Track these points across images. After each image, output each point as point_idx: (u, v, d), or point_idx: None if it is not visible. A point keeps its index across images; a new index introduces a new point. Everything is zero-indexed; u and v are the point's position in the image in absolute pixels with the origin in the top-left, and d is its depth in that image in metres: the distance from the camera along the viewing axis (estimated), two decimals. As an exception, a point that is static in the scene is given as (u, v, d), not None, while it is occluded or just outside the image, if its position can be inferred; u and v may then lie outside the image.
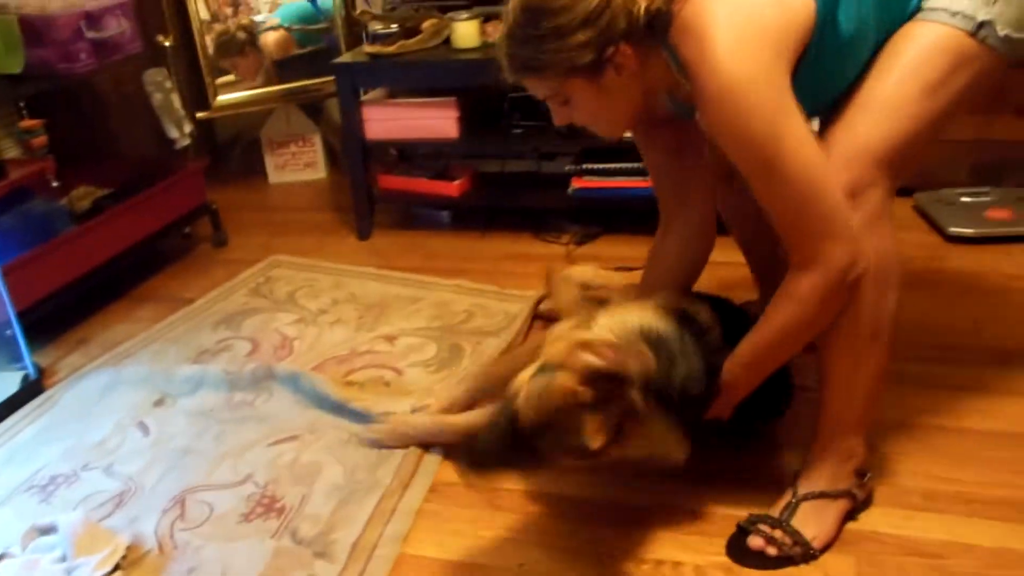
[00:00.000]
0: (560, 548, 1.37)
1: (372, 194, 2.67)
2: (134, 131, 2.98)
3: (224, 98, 3.04)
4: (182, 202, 2.59)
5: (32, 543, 1.44)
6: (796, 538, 1.30)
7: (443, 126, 2.54)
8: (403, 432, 1.62)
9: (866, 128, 1.21)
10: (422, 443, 1.61)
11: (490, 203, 2.64)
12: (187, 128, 2.73)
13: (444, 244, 2.59)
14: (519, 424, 1.14)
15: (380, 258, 2.52)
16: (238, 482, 1.58)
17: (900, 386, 1.64)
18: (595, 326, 1.26)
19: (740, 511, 1.39)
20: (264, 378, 1.88)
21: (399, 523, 1.44)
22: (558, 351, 1.16)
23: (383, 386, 1.84)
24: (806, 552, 1.29)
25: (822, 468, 1.35)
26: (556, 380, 1.13)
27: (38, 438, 1.78)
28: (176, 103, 2.70)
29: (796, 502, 1.34)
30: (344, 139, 2.67)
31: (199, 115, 2.98)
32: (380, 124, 2.57)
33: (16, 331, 1.93)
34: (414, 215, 2.83)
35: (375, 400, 1.74)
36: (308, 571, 1.35)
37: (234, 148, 3.43)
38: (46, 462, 1.69)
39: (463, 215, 2.75)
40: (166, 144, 2.80)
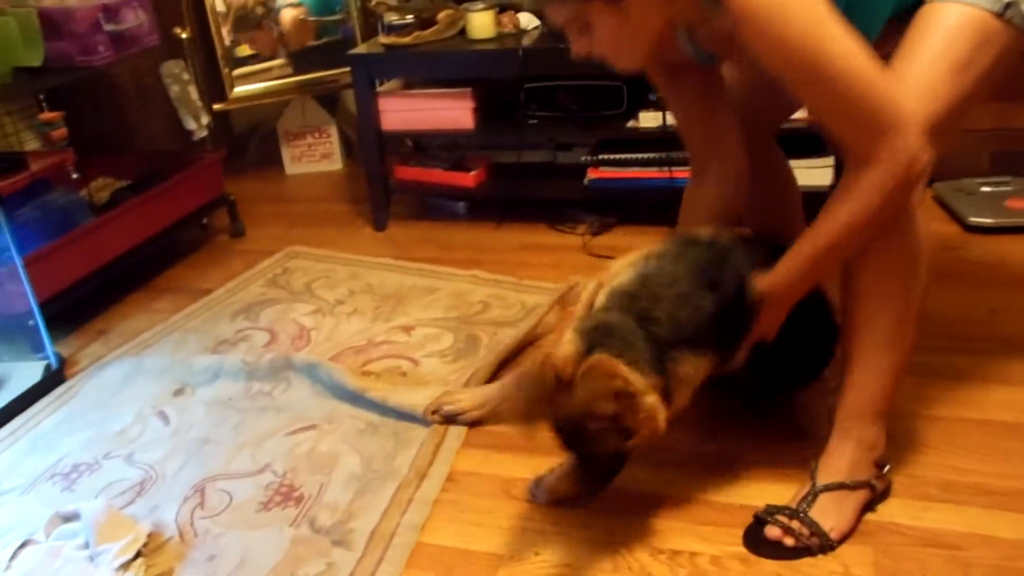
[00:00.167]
0: (576, 538, 1.37)
1: (388, 185, 2.68)
2: (152, 123, 3.00)
3: (241, 90, 3.05)
4: (200, 193, 2.61)
5: (55, 530, 1.46)
6: (814, 529, 1.29)
7: (459, 117, 2.54)
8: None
9: None
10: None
11: (506, 194, 2.64)
12: (204, 120, 2.74)
13: (460, 235, 2.60)
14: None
15: (396, 249, 2.53)
16: (257, 471, 1.59)
17: (918, 376, 1.63)
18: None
19: (756, 502, 1.39)
20: (282, 368, 1.89)
21: (416, 512, 1.45)
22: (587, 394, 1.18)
23: (400, 376, 1.85)
24: (824, 543, 1.29)
25: (842, 458, 1.34)
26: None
27: (60, 427, 1.80)
28: (193, 95, 2.72)
29: (815, 493, 1.33)
30: (360, 130, 2.67)
31: (216, 107, 2.99)
32: (396, 115, 2.57)
33: (38, 321, 1.95)
34: (430, 206, 2.83)
35: (392, 390, 1.74)
36: (326, 559, 1.36)
37: (251, 139, 3.45)
38: (68, 451, 1.71)
39: (479, 206, 2.75)
40: (184, 136, 2.82)
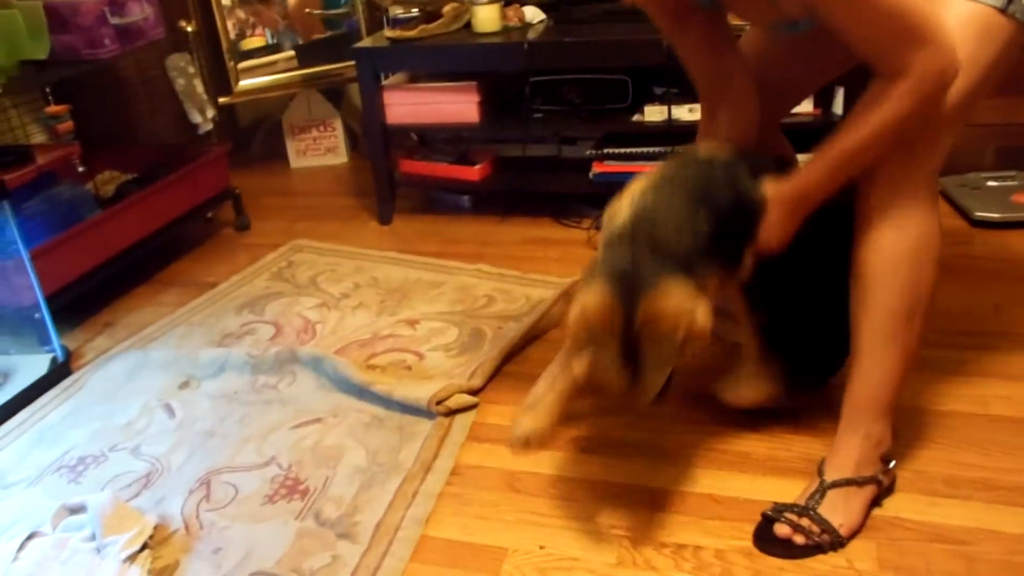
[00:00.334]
0: (581, 531, 1.37)
1: (393, 179, 2.68)
2: (157, 116, 3.01)
3: (246, 83, 3.05)
4: (205, 187, 2.61)
5: (62, 522, 1.46)
6: (824, 526, 1.29)
7: (464, 110, 2.54)
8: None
9: None
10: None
11: (511, 187, 2.64)
12: (210, 113, 2.75)
13: (465, 228, 2.60)
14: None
15: (401, 242, 2.53)
16: (262, 464, 1.60)
17: (923, 371, 1.63)
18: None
19: (761, 496, 1.40)
20: (287, 361, 1.90)
21: (421, 505, 1.45)
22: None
23: (405, 370, 1.86)
24: (834, 540, 1.28)
25: (849, 453, 1.34)
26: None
27: (66, 420, 1.81)
28: (199, 88, 2.72)
29: (823, 489, 1.33)
30: (365, 124, 2.67)
31: (221, 100, 2.99)
32: (401, 109, 2.57)
33: (44, 314, 1.96)
34: (434, 200, 2.83)
35: (397, 383, 1.75)
36: (331, 552, 1.36)
37: (256, 133, 3.45)
38: (75, 443, 1.72)
39: (483, 200, 2.75)
40: (189, 129, 2.82)
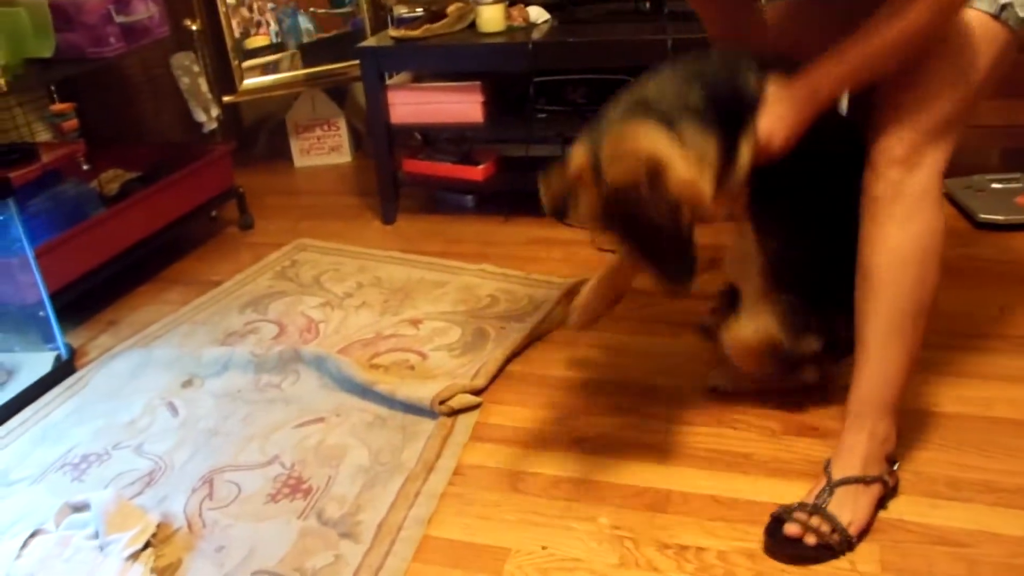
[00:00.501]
0: (583, 532, 1.38)
1: (397, 178, 2.68)
2: (162, 115, 3.01)
3: (250, 82, 3.05)
4: (209, 185, 2.61)
5: (65, 520, 1.47)
6: (834, 524, 1.29)
7: (468, 110, 2.54)
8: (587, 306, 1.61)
9: (914, 106, 1.24)
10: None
11: (514, 187, 2.64)
12: (214, 112, 2.75)
13: (468, 228, 2.60)
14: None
15: (405, 242, 2.54)
16: (265, 463, 1.60)
17: (926, 373, 1.63)
18: None
19: (764, 497, 1.40)
20: (290, 360, 1.90)
21: (424, 505, 1.45)
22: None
23: (408, 369, 1.86)
24: (843, 539, 1.28)
25: (855, 452, 1.34)
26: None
27: (70, 418, 1.81)
28: (203, 87, 2.72)
29: (831, 487, 1.32)
30: (369, 123, 2.68)
31: (226, 99, 3.00)
32: (405, 108, 2.58)
33: (49, 312, 1.97)
34: (438, 199, 2.83)
35: (400, 383, 1.75)
36: (334, 551, 1.36)
37: (260, 132, 3.45)
38: (78, 441, 1.72)
39: (487, 199, 2.75)
40: (194, 128, 2.83)
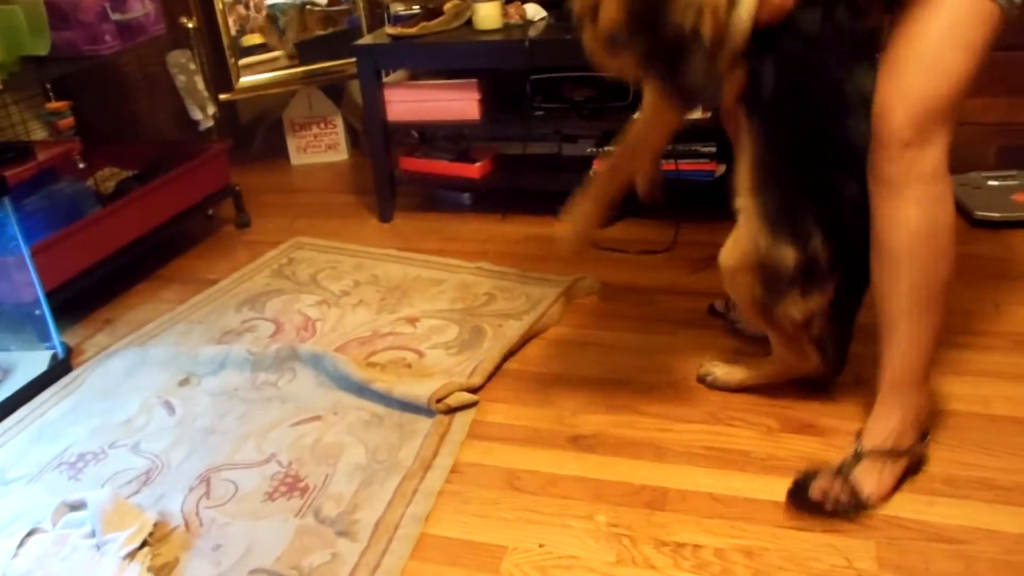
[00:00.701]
0: (580, 529, 1.37)
1: (394, 176, 2.68)
2: (158, 113, 3.00)
3: (247, 80, 3.05)
4: (206, 183, 2.61)
5: (62, 519, 1.46)
6: (852, 490, 1.35)
7: (465, 108, 2.54)
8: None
9: (921, 88, 1.26)
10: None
11: (511, 185, 2.64)
12: (210, 110, 2.74)
13: (465, 226, 2.60)
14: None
15: (402, 240, 2.53)
16: (262, 461, 1.60)
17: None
18: None
19: (761, 496, 1.40)
20: (287, 359, 1.90)
21: (421, 503, 1.45)
22: None
23: (405, 367, 1.86)
24: (858, 504, 1.34)
25: (887, 426, 1.39)
26: None
27: (66, 416, 1.81)
28: (200, 85, 2.72)
29: (859, 456, 1.38)
30: (366, 121, 2.67)
31: (222, 97, 2.99)
32: (402, 106, 2.57)
33: (45, 311, 1.96)
34: (435, 197, 2.83)
35: (397, 381, 1.75)
36: (331, 550, 1.36)
37: (257, 130, 3.45)
38: (75, 440, 1.72)
39: (484, 197, 2.75)
40: (190, 125, 2.82)
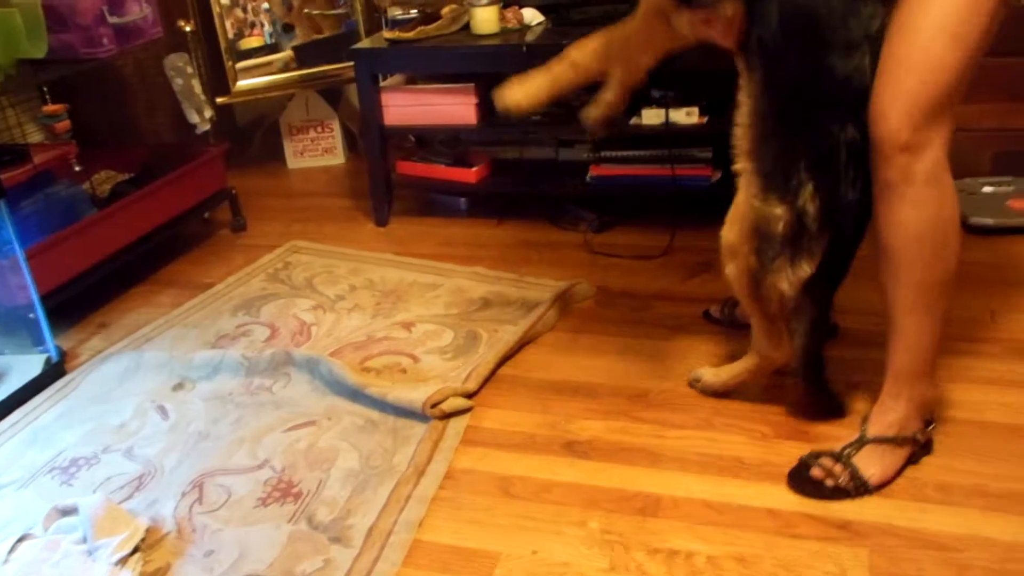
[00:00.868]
0: (573, 536, 1.37)
1: (390, 180, 2.68)
2: (155, 116, 3.00)
3: (244, 83, 3.05)
4: (202, 187, 2.61)
5: (53, 524, 1.46)
6: (853, 473, 1.39)
7: (462, 112, 2.54)
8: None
9: (913, 85, 1.25)
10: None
11: (508, 190, 2.64)
12: (207, 113, 2.74)
13: (461, 231, 2.60)
14: None
15: (398, 244, 2.53)
16: (255, 467, 1.60)
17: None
18: None
19: (755, 502, 1.40)
20: (282, 363, 1.89)
21: (414, 510, 1.45)
22: None
23: (400, 372, 1.85)
24: (859, 487, 1.39)
25: (893, 416, 1.42)
26: None
27: (60, 420, 1.80)
28: (197, 88, 2.71)
29: (862, 442, 1.42)
30: (363, 125, 2.67)
31: (219, 100, 2.99)
32: (399, 110, 2.57)
33: (39, 314, 1.96)
34: (431, 202, 2.83)
35: (391, 386, 1.75)
36: (324, 556, 1.36)
37: (254, 133, 3.44)
38: (68, 444, 1.72)
39: (480, 202, 2.75)
40: (187, 129, 2.81)
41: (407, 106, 2.57)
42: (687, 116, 2.31)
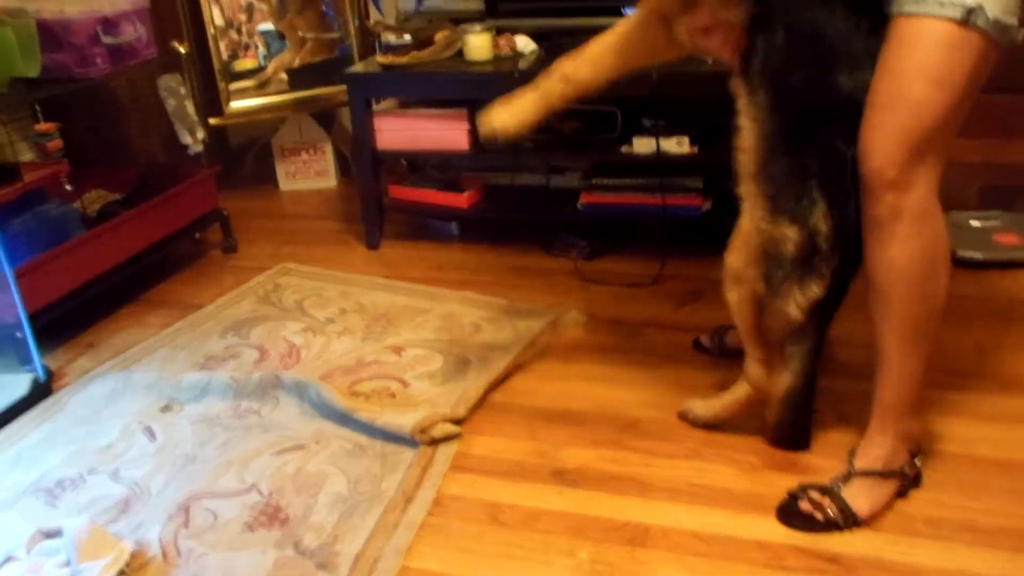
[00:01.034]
0: (562, 566, 1.37)
1: (382, 204, 2.68)
2: (148, 136, 3.00)
3: (237, 105, 3.05)
4: (193, 208, 2.60)
5: (37, 547, 1.44)
6: (842, 506, 1.39)
7: (454, 138, 2.55)
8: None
9: (896, 126, 1.25)
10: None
11: (499, 216, 2.65)
12: (200, 134, 2.74)
13: (452, 256, 2.60)
14: None
15: (388, 268, 2.53)
16: (243, 490, 1.59)
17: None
18: None
19: (743, 534, 1.40)
20: (271, 386, 1.89)
21: (402, 536, 1.44)
22: None
23: (389, 397, 1.85)
24: (849, 520, 1.39)
25: (879, 449, 1.43)
26: None
27: (46, 441, 1.78)
28: (190, 109, 2.72)
29: (850, 475, 1.43)
30: (355, 149, 2.68)
31: (212, 121, 3.00)
32: (391, 134, 2.58)
33: (27, 334, 1.94)
34: (423, 226, 2.84)
35: (380, 411, 1.74)
36: (310, 582, 1.35)
37: (246, 155, 3.45)
38: (53, 465, 1.70)
39: (472, 227, 2.76)
40: (179, 149, 2.81)
41: (400, 131, 2.58)
42: (678, 145, 2.33)
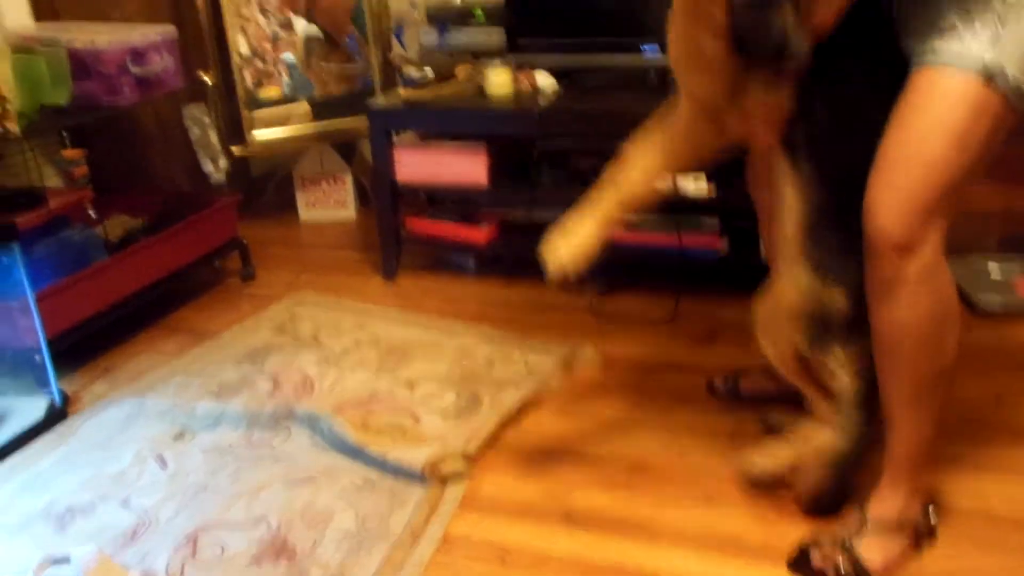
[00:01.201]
0: (569, 610, 1.36)
1: (400, 236, 2.70)
2: (172, 164, 3.04)
3: (260, 134, 3.09)
4: (213, 235, 2.63)
5: (44, 573, 1.45)
6: (855, 562, 1.38)
7: (473, 172, 2.57)
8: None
9: (908, 184, 1.23)
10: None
11: (516, 251, 2.66)
12: (222, 163, 2.78)
13: (468, 290, 2.61)
14: None
15: (404, 299, 2.54)
16: (252, 522, 1.59)
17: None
18: None
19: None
20: (283, 417, 1.89)
21: (408, 575, 1.43)
22: None
23: (400, 432, 1.85)
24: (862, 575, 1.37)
25: (892, 504, 1.42)
26: None
27: (58, 465, 1.80)
28: (213, 138, 2.76)
29: (864, 528, 1.41)
30: (374, 180, 2.70)
31: (235, 150, 3.03)
32: (411, 168, 2.60)
33: (45, 357, 1.96)
34: (440, 259, 2.85)
35: (391, 446, 1.74)
36: (315, 619, 1.35)
37: (268, 183, 3.48)
38: (64, 490, 1.71)
39: (488, 262, 2.77)
40: (202, 178, 2.85)
41: (419, 164, 2.60)
42: (694, 183, 2.33)
